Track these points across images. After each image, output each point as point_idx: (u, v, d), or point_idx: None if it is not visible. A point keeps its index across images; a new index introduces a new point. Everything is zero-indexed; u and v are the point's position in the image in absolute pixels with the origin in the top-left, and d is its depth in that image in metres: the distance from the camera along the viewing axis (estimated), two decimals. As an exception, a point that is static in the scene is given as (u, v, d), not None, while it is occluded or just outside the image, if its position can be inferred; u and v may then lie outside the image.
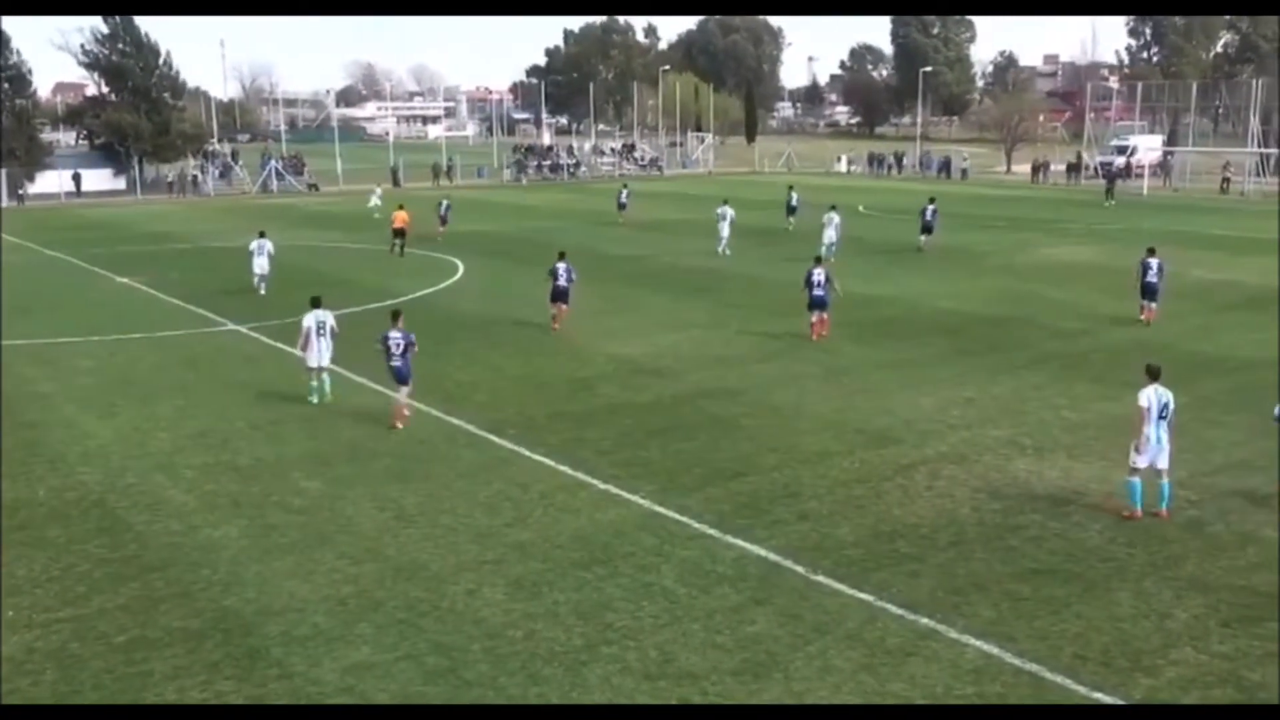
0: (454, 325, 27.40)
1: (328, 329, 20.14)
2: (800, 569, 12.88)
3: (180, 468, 16.77)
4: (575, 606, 11.98)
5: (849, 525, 14.27)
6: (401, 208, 42.37)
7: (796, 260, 36.02)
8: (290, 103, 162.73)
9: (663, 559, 13.23)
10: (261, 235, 33.73)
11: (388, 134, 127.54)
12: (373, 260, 40.75)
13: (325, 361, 20.27)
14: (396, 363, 18.94)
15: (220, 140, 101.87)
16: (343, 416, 19.50)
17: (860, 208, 56.74)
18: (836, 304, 26.38)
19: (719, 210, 42.23)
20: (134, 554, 13.47)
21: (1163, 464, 14.38)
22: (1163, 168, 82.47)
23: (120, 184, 76.20)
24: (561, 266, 27.17)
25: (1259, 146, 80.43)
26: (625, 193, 56.46)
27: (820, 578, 12.64)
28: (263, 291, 32.27)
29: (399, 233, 41.31)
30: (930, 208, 42.81)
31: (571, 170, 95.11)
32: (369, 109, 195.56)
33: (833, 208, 41.45)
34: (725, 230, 41.52)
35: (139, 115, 74.78)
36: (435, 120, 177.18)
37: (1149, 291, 28.35)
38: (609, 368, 23.17)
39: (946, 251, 41.87)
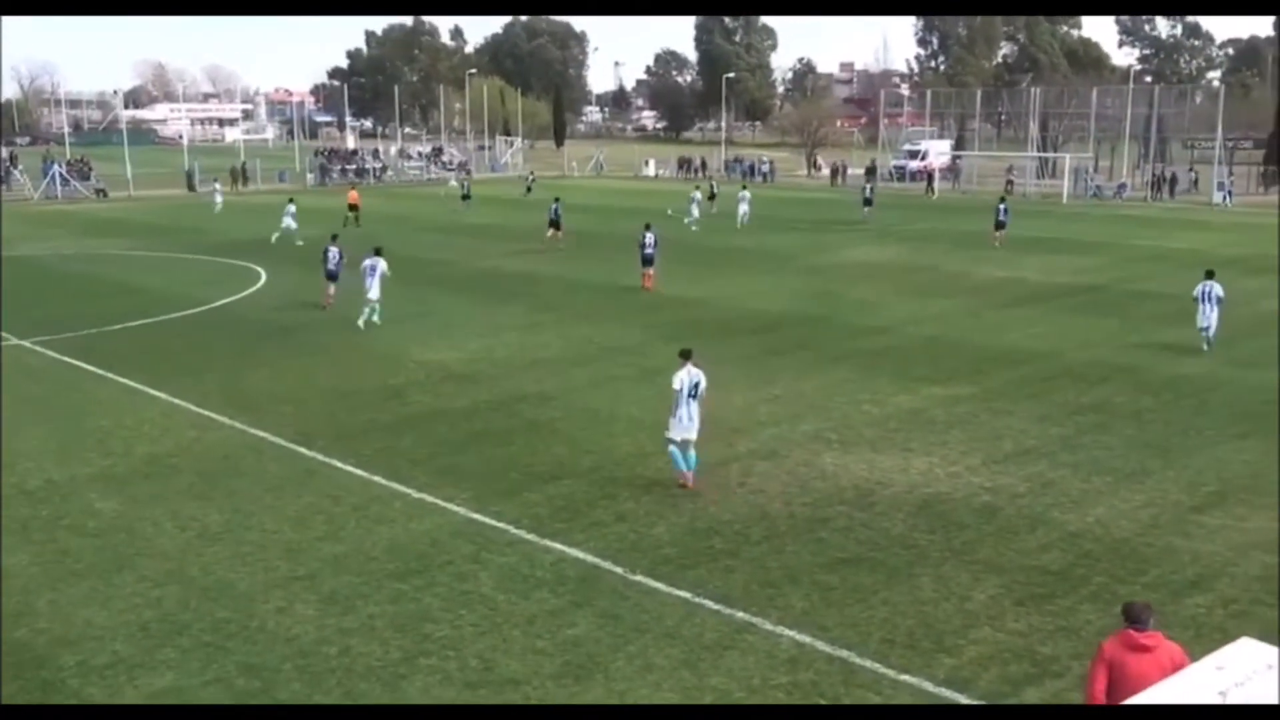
0: (257, 334, 26.50)
1: (377, 271, 26.73)
2: (619, 570, 12.99)
3: (-41, 493, 15.68)
4: (392, 619, 11.77)
5: (665, 524, 14.45)
6: (354, 188, 55.90)
7: (614, 265, 36.34)
8: (74, 104, 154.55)
9: (480, 566, 13.13)
10: (291, 201, 45.64)
11: (181, 137, 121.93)
12: (167, 267, 39.01)
13: (374, 296, 26.77)
14: (332, 266, 28.74)
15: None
16: (140, 433, 18.62)
17: (669, 211, 57.38)
18: (650, 305, 27.19)
19: (692, 195, 52.72)
20: (-92, 588, 12.53)
21: (692, 436, 15.60)
22: (952, 171, 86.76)
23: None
24: (554, 207, 42.86)
25: (1038, 151, 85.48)
26: (531, 179, 76.77)
27: (639, 577, 12.78)
28: (273, 240, 43.25)
29: (353, 207, 51.72)
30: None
31: (378, 174, 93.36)
32: (160, 110, 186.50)
33: (744, 187, 54.81)
34: (695, 211, 51.48)
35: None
36: (232, 123, 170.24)
37: (999, 225, 42.73)
38: (420, 374, 22.83)
39: (754, 254, 42.93)
